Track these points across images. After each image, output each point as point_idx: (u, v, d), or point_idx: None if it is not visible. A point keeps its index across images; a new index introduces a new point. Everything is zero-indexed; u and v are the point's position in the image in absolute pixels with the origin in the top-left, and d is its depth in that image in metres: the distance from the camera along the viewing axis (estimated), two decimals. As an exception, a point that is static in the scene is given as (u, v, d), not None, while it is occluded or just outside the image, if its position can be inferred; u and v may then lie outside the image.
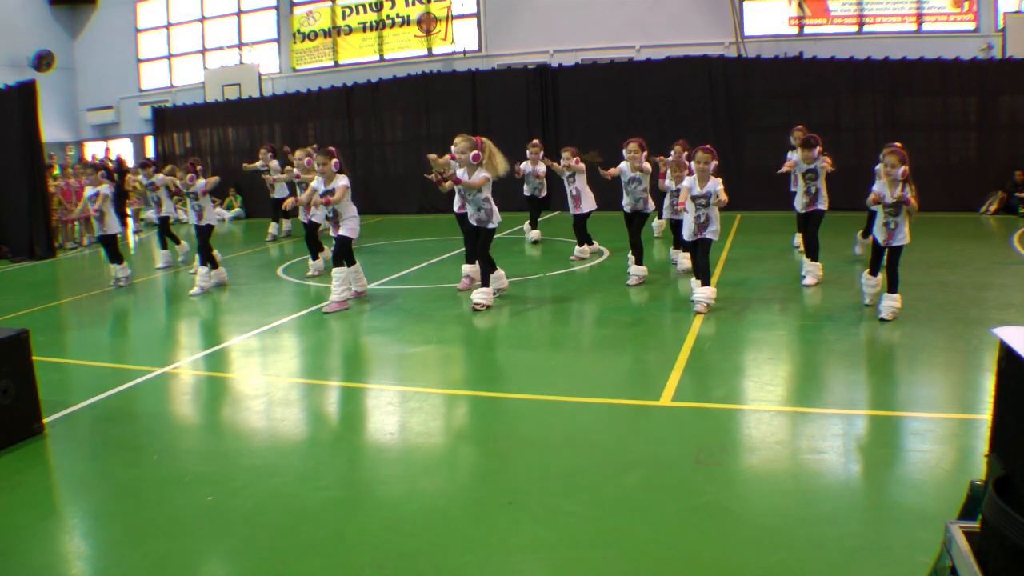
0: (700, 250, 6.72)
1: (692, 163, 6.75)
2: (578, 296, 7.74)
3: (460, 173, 6.99)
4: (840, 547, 2.91)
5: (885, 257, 6.27)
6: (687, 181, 6.71)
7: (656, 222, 10.74)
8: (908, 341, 5.62)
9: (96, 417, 4.75)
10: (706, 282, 6.63)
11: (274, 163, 12.72)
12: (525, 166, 10.26)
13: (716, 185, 6.52)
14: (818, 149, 7.49)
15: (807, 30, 14.83)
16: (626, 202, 7.86)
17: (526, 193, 10.65)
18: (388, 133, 16.45)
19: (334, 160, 7.24)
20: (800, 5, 14.82)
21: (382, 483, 3.73)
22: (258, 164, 12.65)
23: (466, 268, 7.95)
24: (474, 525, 3.21)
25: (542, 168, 10.18)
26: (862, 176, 13.61)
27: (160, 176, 10.48)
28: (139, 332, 7.39)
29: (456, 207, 7.95)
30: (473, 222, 7.13)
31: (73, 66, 20.30)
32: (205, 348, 6.44)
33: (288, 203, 7.77)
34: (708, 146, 6.74)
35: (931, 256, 8.99)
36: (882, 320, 6.08)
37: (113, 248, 8.94)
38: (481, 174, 6.81)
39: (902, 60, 13.17)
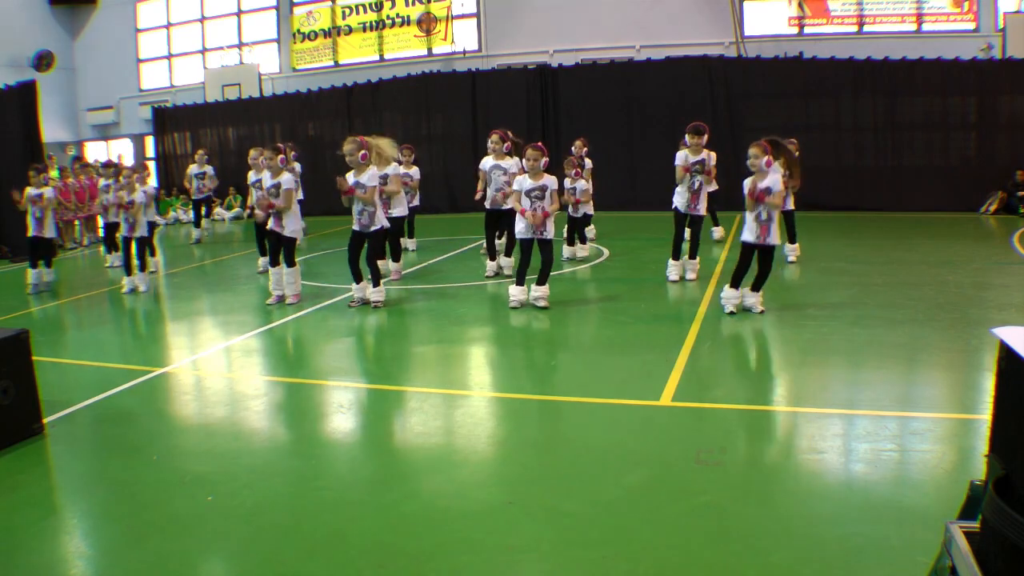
0: (544, 250, 6.85)
1: (524, 160, 6.89)
2: (577, 296, 7.74)
3: (351, 176, 7.08)
4: (840, 547, 2.91)
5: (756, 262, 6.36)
6: (518, 179, 6.85)
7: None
8: (908, 341, 5.62)
9: (96, 417, 4.75)
10: (542, 281, 6.90)
11: (209, 167, 12.71)
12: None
13: (552, 182, 6.72)
14: (706, 137, 7.52)
15: (807, 30, 14.82)
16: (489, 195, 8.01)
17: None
18: (388, 133, 16.34)
19: (280, 156, 7.40)
20: (800, 5, 14.82)
21: (382, 483, 3.73)
22: (193, 168, 12.70)
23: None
24: (474, 525, 3.21)
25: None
26: (862, 176, 13.68)
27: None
28: (139, 332, 7.39)
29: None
30: (356, 227, 7.17)
31: (73, 66, 20.29)
32: (205, 348, 6.45)
33: (258, 216, 8.16)
34: (539, 143, 6.91)
35: (931, 256, 8.99)
36: (761, 312, 6.37)
37: (49, 252, 9.10)
38: (371, 181, 7.01)
39: (902, 60, 13.17)
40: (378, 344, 6.36)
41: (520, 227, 6.82)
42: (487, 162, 8.23)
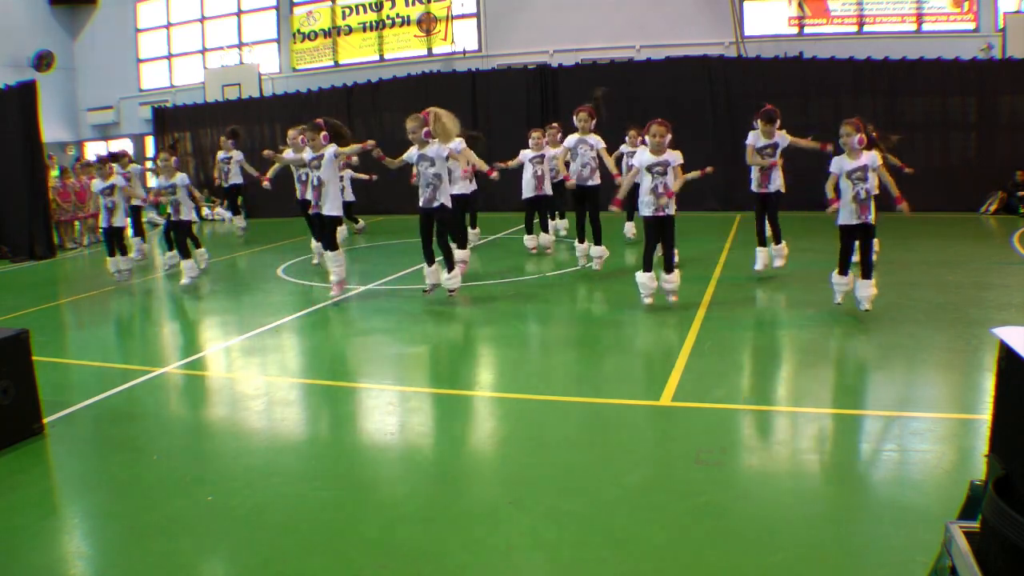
0: (668, 232, 6.59)
1: (647, 136, 6.57)
2: (578, 296, 7.74)
3: (414, 151, 7.05)
4: (840, 547, 2.91)
5: (857, 247, 6.17)
6: (638, 155, 6.58)
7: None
8: (908, 341, 5.62)
9: (96, 417, 4.75)
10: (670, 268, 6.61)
11: (236, 153, 12.22)
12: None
13: (676, 158, 6.42)
14: (778, 124, 7.48)
15: (807, 30, 14.82)
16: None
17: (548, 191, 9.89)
18: (388, 133, 16.42)
19: (323, 133, 7.37)
20: (800, 5, 14.82)
21: (382, 483, 3.73)
22: (220, 154, 12.28)
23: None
24: (474, 525, 3.21)
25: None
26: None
27: (134, 166, 10.57)
28: (139, 332, 7.40)
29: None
30: (422, 203, 7.08)
31: (73, 66, 20.28)
32: (205, 348, 6.45)
33: (266, 152, 8.20)
34: (662, 120, 6.56)
35: (931, 256, 9.00)
36: (865, 311, 6.09)
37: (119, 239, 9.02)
38: (441, 151, 6.98)
39: (902, 60, 13.17)
40: (378, 344, 6.35)
41: (647, 204, 6.51)
42: (571, 139, 8.29)
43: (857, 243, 6.20)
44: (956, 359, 5.25)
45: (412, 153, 7.10)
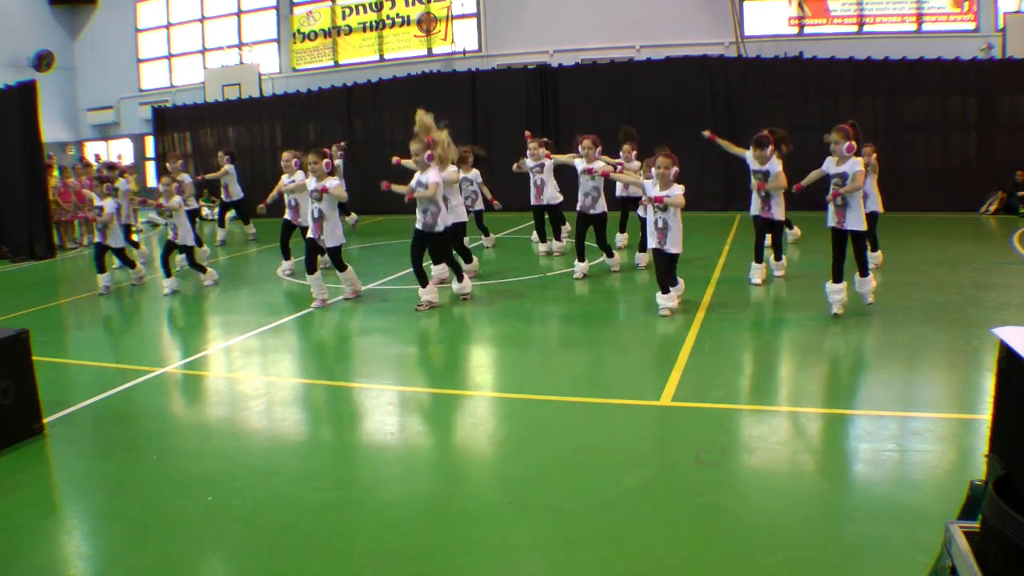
0: (668, 265, 6.56)
1: (653, 168, 6.55)
2: (578, 296, 7.74)
3: (415, 178, 7.05)
4: (840, 547, 2.91)
5: (848, 248, 6.13)
6: (647, 188, 6.55)
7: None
8: (908, 341, 5.62)
9: (96, 417, 4.75)
10: (666, 289, 6.55)
11: (229, 166, 12.17)
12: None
13: (678, 195, 6.37)
14: (770, 149, 7.33)
15: (807, 30, 14.82)
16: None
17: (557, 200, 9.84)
18: (388, 133, 16.43)
19: (325, 160, 7.36)
20: (800, 5, 14.81)
21: (382, 483, 3.73)
22: (221, 172, 12.27)
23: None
24: (474, 525, 3.21)
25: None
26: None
27: (122, 181, 10.43)
28: (139, 332, 7.39)
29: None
30: (419, 226, 7.13)
31: (73, 66, 20.29)
32: (205, 348, 6.44)
33: (260, 208, 8.59)
34: (668, 150, 6.61)
35: (931, 256, 8.99)
36: (869, 304, 6.25)
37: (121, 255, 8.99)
38: (433, 178, 6.94)
39: (902, 60, 13.17)
40: (378, 344, 6.35)
41: (651, 235, 6.58)
42: (579, 164, 8.22)
43: (851, 246, 6.18)
44: (956, 359, 5.25)
45: (416, 176, 7.12)
